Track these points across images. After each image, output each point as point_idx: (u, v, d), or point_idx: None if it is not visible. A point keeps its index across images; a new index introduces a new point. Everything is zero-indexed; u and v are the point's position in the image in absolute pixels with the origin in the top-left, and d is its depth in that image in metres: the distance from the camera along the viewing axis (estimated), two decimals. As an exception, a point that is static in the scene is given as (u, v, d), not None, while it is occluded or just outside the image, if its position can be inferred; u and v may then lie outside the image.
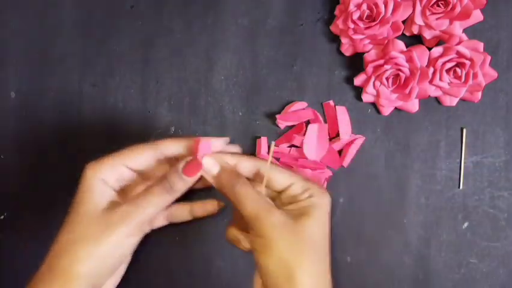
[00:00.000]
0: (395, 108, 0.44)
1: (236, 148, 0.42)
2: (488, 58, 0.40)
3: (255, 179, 0.39)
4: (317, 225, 0.35)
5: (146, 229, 0.42)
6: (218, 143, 0.38)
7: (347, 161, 0.45)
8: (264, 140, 0.45)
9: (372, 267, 0.45)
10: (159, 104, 0.47)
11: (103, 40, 0.47)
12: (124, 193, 0.39)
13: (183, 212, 0.41)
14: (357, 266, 0.45)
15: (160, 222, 0.42)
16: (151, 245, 0.47)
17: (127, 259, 0.41)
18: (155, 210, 0.35)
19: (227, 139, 0.39)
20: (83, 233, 0.34)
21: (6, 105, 0.48)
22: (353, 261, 0.45)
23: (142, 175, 0.39)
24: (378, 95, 0.43)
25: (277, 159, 0.45)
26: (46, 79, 0.48)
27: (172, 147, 0.37)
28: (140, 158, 0.36)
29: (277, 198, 0.39)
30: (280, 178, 0.38)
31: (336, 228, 0.46)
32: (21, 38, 0.48)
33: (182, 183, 0.36)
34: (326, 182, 0.45)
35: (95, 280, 0.35)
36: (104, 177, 0.36)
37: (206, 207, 0.40)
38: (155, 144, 0.37)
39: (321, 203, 0.37)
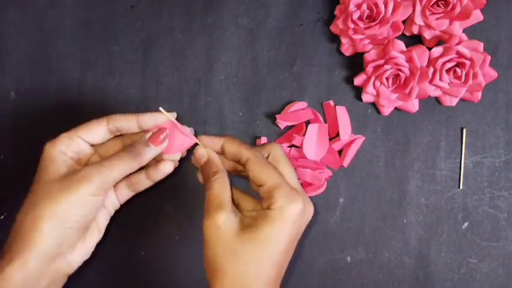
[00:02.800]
0: (395, 108, 0.44)
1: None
2: (488, 58, 0.40)
3: (239, 164, 0.39)
4: (260, 245, 0.34)
5: (115, 202, 0.41)
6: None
7: (347, 161, 0.45)
8: (264, 140, 0.45)
9: (372, 267, 0.45)
10: (159, 104, 0.47)
11: (103, 40, 0.47)
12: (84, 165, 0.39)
13: (141, 179, 0.40)
14: (357, 266, 0.45)
15: (125, 194, 0.42)
16: (151, 245, 0.47)
17: (96, 231, 0.40)
18: (119, 174, 0.36)
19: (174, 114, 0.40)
20: (46, 194, 0.35)
21: (6, 105, 0.48)
22: (353, 261, 0.45)
23: (101, 156, 0.40)
24: (378, 95, 0.43)
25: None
26: (46, 79, 0.48)
27: (123, 120, 0.38)
28: (94, 130, 0.38)
29: (248, 198, 0.39)
30: (253, 172, 0.36)
31: (336, 228, 0.46)
32: (21, 38, 0.48)
33: (149, 151, 0.38)
34: (326, 182, 0.45)
35: (59, 239, 0.35)
36: (62, 148, 0.37)
37: (159, 167, 0.40)
38: (108, 117, 0.38)
39: (278, 218, 0.34)
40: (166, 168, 0.40)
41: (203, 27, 0.46)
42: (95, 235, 0.40)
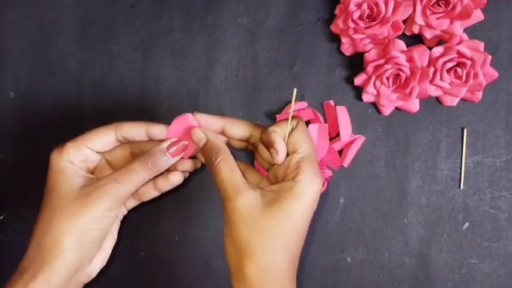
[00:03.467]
0: (396, 108, 0.44)
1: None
2: (489, 58, 0.40)
3: (248, 143, 0.38)
4: (286, 219, 0.33)
5: (123, 209, 0.41)
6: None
7: (347, 161, 0.45)
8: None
9: (372, 267, 0.45)
10: (159, 104, 0.47)
11: (103, 40, 0.47)
12: (93, 175, 0.39)
13: (149, 189, 0.40)
14: (357, 266, 0.45)
15: (132, 203, 0.42)
16: (151, 245, 0.47)
17: (111, 238, 0.40)
18: (134, 186, 0.36)
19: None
20: (64, 210, 0.35)
21: (6, 105, 0.48)
22: (353, 261, 0.45)
23: (109, 162, 0.40)
24: (378, 95, 0.43)
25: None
26: (46, 79, 0.48)
27: (131, 129, 0.38)
28: (101, 139, 0.38)
29: (269, 171, 0.38)
30: (279, 145, 0.35)
31: (336, 228, 0.45)
32: (21, 38, 0.48)
33: (166, 161, 0.37)
34: (326, 182, 0.45)
35: (80, 254, 0.36)
36: (70, 158, 0.37)
37: (168, 179, 0.39)
38: (116, 125, 0.38)
39: (303, 192, 0.33)
40: (176, 179, 0.40)
41: (203, 27, 0.46)
42: (110, 242, 0.40)
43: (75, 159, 0.37)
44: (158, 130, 0.38)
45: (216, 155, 0.36)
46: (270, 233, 0.33)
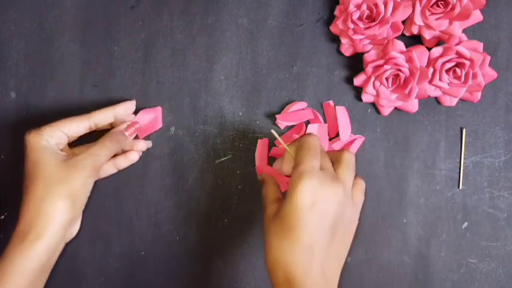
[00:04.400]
0: (395, 108, 0.44)
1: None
2: (488, 58, 0.41)
3: None
4: (282, 225, 0.36)
5: (96, 177, 0.46)
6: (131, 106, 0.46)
7: (346, 161, 0.45)
8: (264, 142, 0.45)
9: (372, 267, 0.45)
10: (159, 104, 0.47)
11: (103, 40, 0.47)
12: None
13: (108, 166, 0.46)
14: (357, 266, 0.45)
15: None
16: (151, 245, 0.47)
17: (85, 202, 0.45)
18: (105, 158, 0.43)
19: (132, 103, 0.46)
20: (56, 178, 0.40)
21: (7, 106, 0.48)
22: (353, 261, 0.45)
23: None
24: (378, 95, 0.43)
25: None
26: (46, 79, 0.48)
27: (102, 116, 0.44)
28: (75, 125, 0.43)
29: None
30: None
31: (336, 228, 0.46)
32: (21, 38, 0.48)
33: (125, 138, 0.45)
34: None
35: (73, 214, 0.41)
36: (47, 139, 0.42)
37: (127, 156, 0.46)
38: (89, 114, 0.44)
39: (290, 199, 0.36)
40: (134, 157, 0.46)
41: (203, 27, 0.46)
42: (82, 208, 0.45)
43: (51, 140, 0.42)
44: (121, 109, 0.45)
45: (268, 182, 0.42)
46: (278, 235, 0.36)
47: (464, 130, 0.44)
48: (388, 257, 0.45)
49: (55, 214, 0.40)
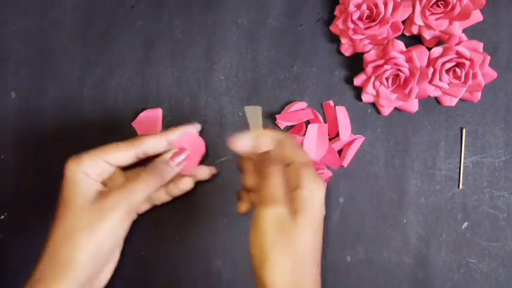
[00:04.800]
0: (395, 108, 0.44)
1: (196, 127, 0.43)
2: (488, 58, 0.41)
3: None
4: (304, 233, 0.34)
5: (134, 215, 0.43)
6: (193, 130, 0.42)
7: (346, 161, 0.45)
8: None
9: (372, 267, 0.45)
10: (159, 104, 0.47)
11: (103, 40, 0.47)
12: (107, 185, 0.40)
13: (161, 194, 0.42)
14: (357, 266, 0.45)
15: (144, 206, 0.43)
16: (151, 245, 0.47)
17: (121, 244, 0.41)
18: (144, 195, 0.37)
19: (198, 126, 0.42)
20: (79, 222, 0.36)
21: (6, 105, 0.48)
22: (353, 261, 0.45)
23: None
24: (378, 95, 0.43)
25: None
26: (46, 79, 0.48)
27: (154, 143, 0.39)
28: (121, 155, 0.39)
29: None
30: (285, 153, 0.36)
31: (336, 228, 0.46)
32: (21, 38, 0.48)
33: (170, 171, 0.39)
34: (326, 183, 0.45)
35: (94, 266, 0.37)
36: (86, 170, 0.38)
37: (179, 185, 0.41)
38: (137, 141, 0.39)
39: (309, 201, 0.34)
40: (187, 185, 0.42)
41: (203, 27, 0.46)
42: (119, 252, 0.41)
43: (91, 172, 0.38)
44: (175, 135, 0.40)
45: (270, 164, 0.36)
46: (292, 248, 0.34)
47: (464, 130, 0.44)
48: (388, 256, 0.45)
49: (70, 267, 0.35)
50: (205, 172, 0.43)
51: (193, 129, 0.42)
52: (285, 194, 0.35)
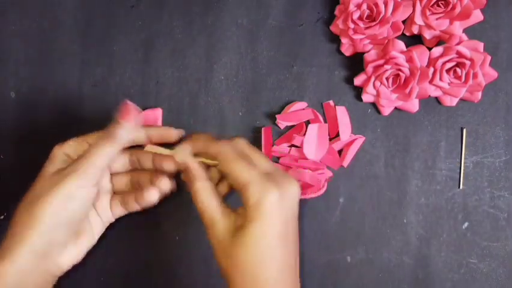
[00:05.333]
0: (395, 108, 0.44)
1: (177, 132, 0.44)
2: (488, 58, 0.40)
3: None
4: (251, 244, 0.34)
5: (109, 215, 0.42)
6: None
7: (347, 161, 0.45)
8: (267, 130, 0.45)
9: (372, 267, 0.45)
10: (159, 104, 0.47)
11: (103, 40, 0.47)
12: None
13: (131, 199, 0.42)
14: (357, 266, 0.45)
15: (119, 211, 0.43)
16: (151, 245, 0.47)
17: (89, 236, 0.41)
18: (102, 160, 0.37)
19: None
20: (38, 192, 0.36)
21: (6, 105, 0.48)
22: (353, 261, 0.45)
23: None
24: (378, 95, 0.43)
25: (277, 158, 0.45)
26: (46, 79, 0.48)
27: (137, 135, 0.40)
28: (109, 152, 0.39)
29: None
30: (224, 169, 0.37)
31: (336, 228, 0.46)
32: (21, 38, 0.48)
33: (121, 129, 0.39)
34: (326, 184, 0.45)
35: (48, 236, 0.36)
36: (66, 151, 0.39)
37: (144, 195, 0.41)
38: (114, 136, 0.39)
39: (255, 215, 0.34)
40: (151, 197, 0.41)
41: (203, 27, 0.46)
42: (87, 241, 0.41)
43: (71, 151, 0.39)
44: (156, 132, 0.41)
45: (193, 182, 0.38)
46: (241, 259, 0.34)
47: (464, 130, 0.44)
48: (388, 257, 0.45)
49: (24, 235, 0.35)
50: (166, 184, 0.41)
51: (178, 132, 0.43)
52: (218, 211, 0.36)
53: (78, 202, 0.37)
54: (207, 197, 0.37)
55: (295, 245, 0.36)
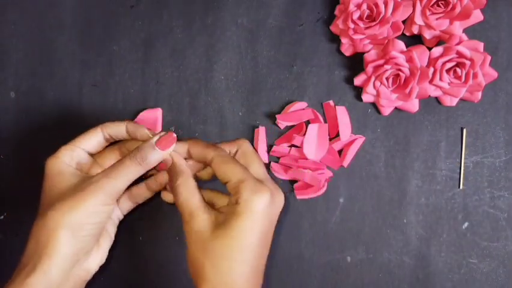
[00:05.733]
0: (395, 108, 0.44)
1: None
2: (488, 58, 0.40)
3: (207, 165, 0.40)
4: (234, 239, 0.35)
5: (119, 213, 0.43)
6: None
7: (347, 161, 0.45)
8: (261, 130, 0.45)
9: (372, 267, 0.45)
10: (159, 104, 0.47)
11: (103, 40, 0.47)
12: (89, 174, 0.41)
13: (141, 190, 0.42)
14: (357, 266, 0.45)
15: (127, 206, 0.43)
16: (151, 245, 0.47)
17: (108, 238, 0.41)
18: (126, 181, 0.38)
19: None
20: (60, 205, 0.36)
21: (6, 106, 0.48)
22: (353, 261, 0.45)
23: (100, 165, 0.42)
24: (378, 95, 0.43)
25: (277, 158, 0.46)
26: (46, 79, 0.48)
27: (115, 127, 0.40)
28: (92, 139, 0.40)
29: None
30: (218, 170, 0.38)
31: (336, 228, 0.46)
32: (21, 38, 0.48)
33: (155, 155, 0.38)
34: (326, 184, 0.45)
35: (76, 247, 0.37)
36: (66, 161, 0.39)
37: (158, 179, 0.42)
38: (101, 126, 0.40)
39: (246, 211, 0.36)
40: (163, 178, 0.41)
41: (203, 27, 0.46)
42: (107, 242, 0.41)
43: (71, 161, 0.39)
44: (133, 127, 0.40)
45: (176, 177, 0.39)
46: (219, 253, 0.36)
47: (464, 130, 0.44)
48: (388, 257, 0.45)
49: (52, 246, 0.35)
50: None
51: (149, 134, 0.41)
52: (199, 206, 0.37)
53: (101, 216, 0.38)
54: (188, 192, 0.38)
55: (268, 251, 0.38)
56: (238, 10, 0.46)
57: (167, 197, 0.43)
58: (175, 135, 0.39)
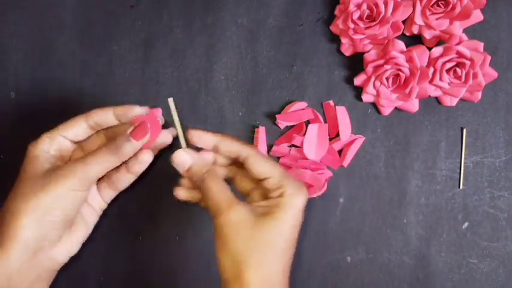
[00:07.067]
0: (395, 108, 0.44)
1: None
2: (488, 58, 0.40)
3: (236, 162, 0.39)
4: (279, 228, 0.35)
5: (101, 202, 0.42)
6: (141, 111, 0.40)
7: (347, 161, 0.45)
8: (261, 130, 0.45)
9: (372, 267, 0.45)
10: (159, 104, 0.47)
11: (103, 40, 0.47)
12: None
13: (122, 173, 0.41)
14: (357, 266, 0.45)
15: (109, 193, 0.42)
16: (151, 245, 0.47)
17: (83, 227, 0.40)
18: (99, 169, 0.37)
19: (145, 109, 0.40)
20: (27, 189, 0.36)
21: (6, 106, 0.48)
22: (353, 261, 0.45)
23: (85, 149, 0.41)
24: (378, 95, 0.43)
25: (277, 158, 0.46)
26: (46, 79, 0.48)
27: (101, 114, 0.39)
28: (75, 127, 0.39)
29: (253, 191, 0.39)
30: (258, 167, 0.37)
31: (336, 228, 0.46)
32: (21, 38, 0.48)
33: (129, 145, 0.37)
34: (326, 183, 0.45)
35: (40, 233, 0.36)
36: (44, 148, 0.38)
37: (139, 158, 0.39)
38: (86, 113, 0.39)
39: (291, 205, 0.36)
40: (146, 157, 0.39)
41: (203, 27, 0.46)
42: (81, 232, 0.41)
43: (50, 148, 0.38)
44: (123, 111, 0.39)
45: (205, 172, 0.37)
46: (266, 242, 0.35)
47: (464, 130, 0.44)
48: (388, 257, 0.45)
49: (14, 231, 0.35)
50: (165, 137, 0.41)
51: (141, 110, 0.40)
52: (234, 197, 0.36)
53: (70, 202, 0.37)
54: (220, 184, 0.37)
55: (294, 250, 0.38)
56: (238, 10, 0.46)
57: (181, 193, 0.40)
58: (148, 126, 0.38)
